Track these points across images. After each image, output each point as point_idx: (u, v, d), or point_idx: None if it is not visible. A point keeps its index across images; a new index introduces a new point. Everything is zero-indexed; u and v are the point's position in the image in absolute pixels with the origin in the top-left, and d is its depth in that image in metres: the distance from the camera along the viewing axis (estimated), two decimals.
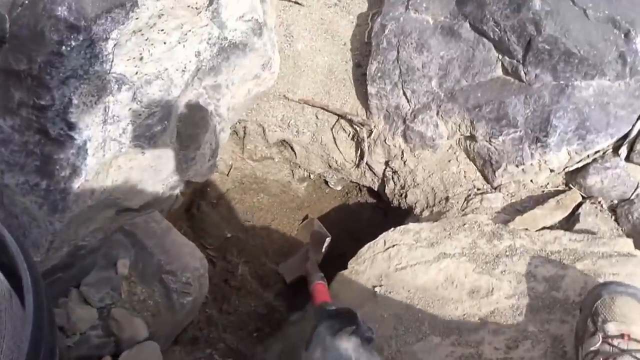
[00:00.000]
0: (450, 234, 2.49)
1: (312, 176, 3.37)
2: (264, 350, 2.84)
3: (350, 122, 3.06)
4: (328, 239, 3.17)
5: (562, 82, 2.33)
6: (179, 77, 2.10)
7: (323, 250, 3.18)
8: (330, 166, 3.23)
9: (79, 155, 1.81)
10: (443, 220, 2.61)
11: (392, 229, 2.70)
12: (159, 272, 2.45)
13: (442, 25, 2.58)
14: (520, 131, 2.44)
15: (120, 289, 2.40)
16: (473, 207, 2.59)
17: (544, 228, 2.38)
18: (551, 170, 2.55)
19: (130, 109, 1.91)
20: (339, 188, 3.36)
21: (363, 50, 3.18)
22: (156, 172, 2.30)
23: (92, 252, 2.37)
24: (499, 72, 2.50)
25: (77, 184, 1.87)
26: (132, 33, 1.73)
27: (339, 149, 3.15)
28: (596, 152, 2.46)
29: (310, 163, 3.27)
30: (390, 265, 2.49)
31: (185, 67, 2.11)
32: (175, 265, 2.47)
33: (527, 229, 2.35)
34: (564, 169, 2.54)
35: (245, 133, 3.30)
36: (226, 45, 2.27)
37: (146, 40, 1.81)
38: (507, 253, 2.28)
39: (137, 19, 1.68)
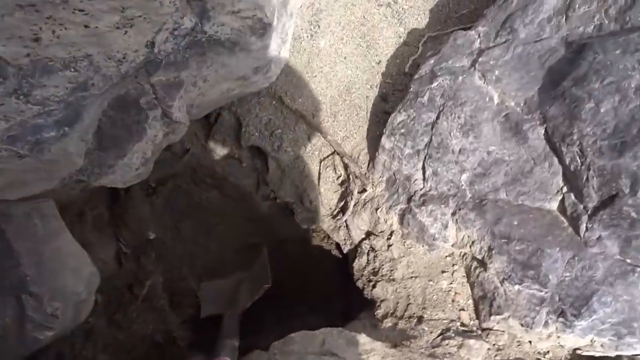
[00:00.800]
0: None
1: (278, 200, 2.69)
2: None
3: (346, 166, 2.36)
4: (266, 287, 2.55)
5: (630, 262, 1.67)
6: (113, 67, 1.37)
7: (256, 296, 2.57)
8: (302, 202, 2.55)
9: None
10: (403, 351, 2.00)
11: (339, 329, 2.10)
12: (18, 289, 1.81)
13: (510, 114, 1.85)
14: (547, 293, 1.80)
15: None
16: (446, 351, 1.98)
17: None
18: (560, 345, 1.94)
19: (2, 103, 1.19)
20: (305, 226, 2.70)
21: (398, 81, 2.43)
22: (49, 173, 1.61)
23: None
24: (554, 206, 1.82)
25: None
26: (15, 7, 0.98)
27: (319, 189, 2.46)
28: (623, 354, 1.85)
29: (281, 188, 2.59)
30: None
31: (124, 57, 1.37)
32: (45, 288, 1.83)
33: None
34: (575, 350, 1.94)
35: (216, 121, 2.57)
36: (203, 39, 1.52)
37: (48, 18, 1.06)
38: None
39: None
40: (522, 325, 1.92)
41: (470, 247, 2.02)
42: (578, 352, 1.95)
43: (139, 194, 2.57)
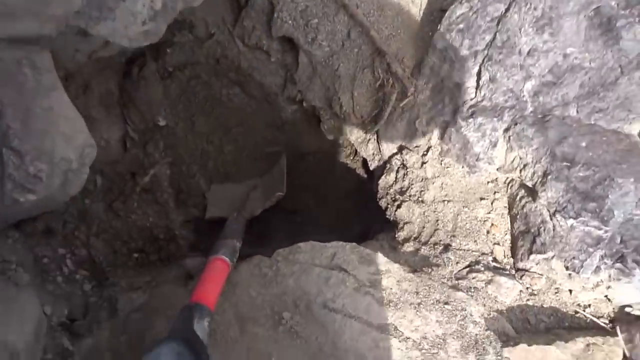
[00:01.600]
0: (419, 305, 1.65)
1: (305, 104, 2.40)
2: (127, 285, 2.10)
3: (388, 67, 2.04)
4: (280, 195, 2.32)
5: None
6: None
7: (267, 204, 2.35)
8: (331, 106, 2.26)
9: None
10: (422, 277, 1.75)
11: (353, 244, 1.86)
12: (1, 143, 1.60)
13: (601, 8, 1.48)
14: (606, 233, 1.50)
15: None
16: (472, 285, 1.72)
17: None
18: (607, 299, 1.66)
19: None
20: (330, 137, 2.42)
21: None
22: (40, 4, 1.35)
23: None
24: (635, 129, 1.49)
25: None
26: None
27: (352, 93, 2.16)
28: None
29: (310, 88, 2.29)
30: (322, 295, 1.70)
31: None
32: (29, 145, 1.62)
33: None
34: (624, 307, 1.65)
35: (247, 3, 2.26)
36: None
37: None
38: None
39: None
40: (567, 268, 1.63)
41: (520, 171, 1.71)
42: (628, 309, 1.67)
43: (152, 75, 2.32)
